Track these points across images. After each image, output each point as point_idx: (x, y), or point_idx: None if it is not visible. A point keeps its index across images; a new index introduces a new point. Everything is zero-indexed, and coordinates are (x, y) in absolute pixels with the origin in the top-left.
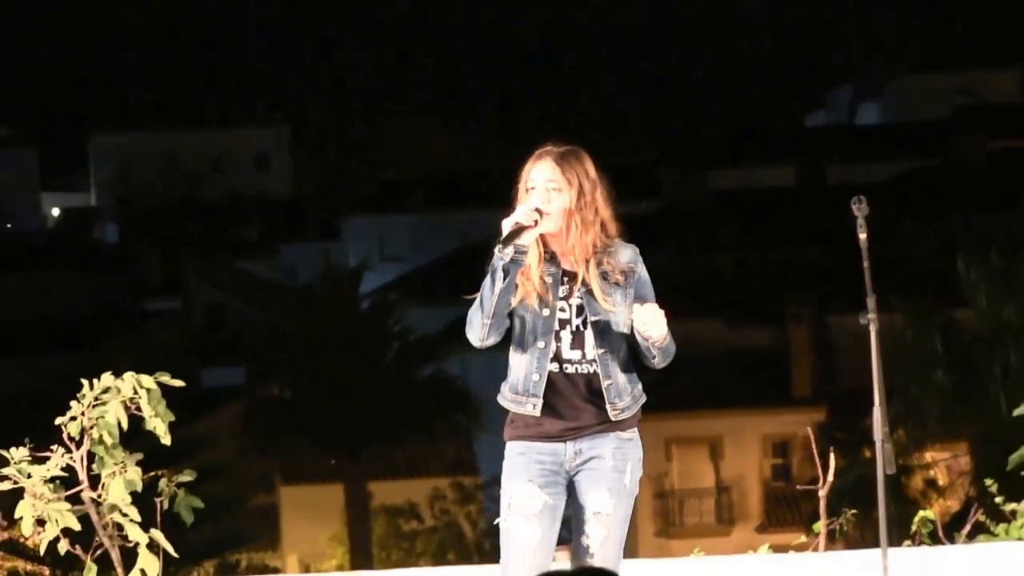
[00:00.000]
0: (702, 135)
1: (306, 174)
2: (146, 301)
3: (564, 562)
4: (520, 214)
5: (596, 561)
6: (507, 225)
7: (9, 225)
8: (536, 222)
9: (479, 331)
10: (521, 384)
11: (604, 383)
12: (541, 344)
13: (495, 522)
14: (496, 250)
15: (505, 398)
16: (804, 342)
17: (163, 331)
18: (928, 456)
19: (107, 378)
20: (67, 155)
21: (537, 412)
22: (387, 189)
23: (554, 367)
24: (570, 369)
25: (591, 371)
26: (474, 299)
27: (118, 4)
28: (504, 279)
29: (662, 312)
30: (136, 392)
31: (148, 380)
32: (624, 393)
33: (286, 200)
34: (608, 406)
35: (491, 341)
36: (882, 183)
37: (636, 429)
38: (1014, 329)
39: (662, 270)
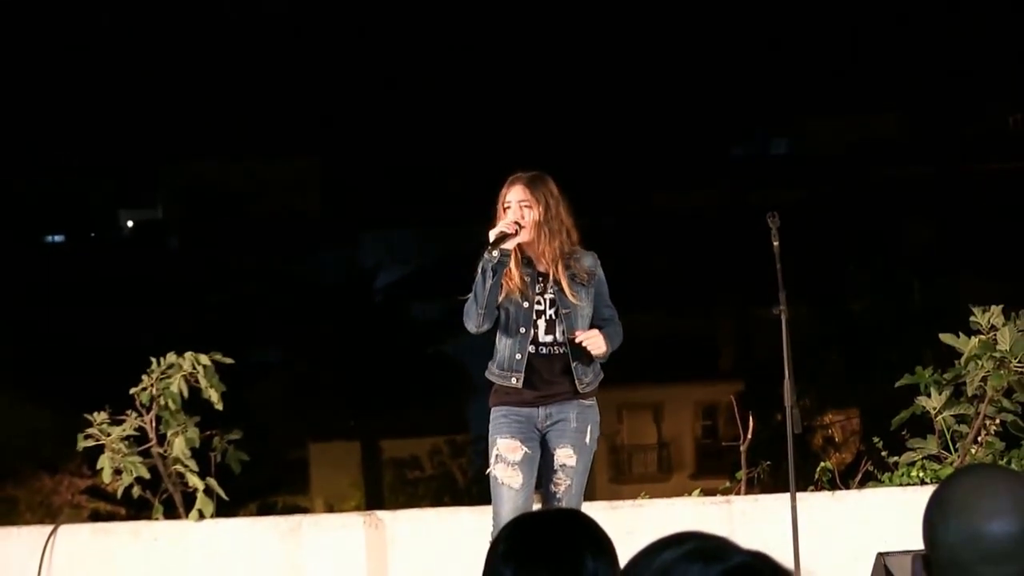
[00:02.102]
0: (645, 166)
1: (332, 195)
2: (203, 295)
3: (537, 504)
4: (503, 224)
5: (562, 504)
6: (493, 234)
7: (93, 234)
8: (516, 231)
9: (475, 320)
10: (507, 362)
11: (573, 363)
12: (523, 331)
13: (486, 472)
14: (485, 254)
15: (492, 373)
16: (728, 328)
17: (216, 318)
18: (827, 418)
19: (171, 356)
20: (139, 179)
21: (520, 385)
22: (395, 208)
23: (532, 349)
24: (544, 351)
25: (562, 352)
26: (467, 298)
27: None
28: (492, 277)
29: (602, 337)
30: (194, 367)
31: (204, 358)
32: (588, 371)
33: (316, 216)
34: (576, 381)
35: (485, 328)
36: (791, 203)
37: (595, 398)
38: (893, 319)
39: (617, 271)
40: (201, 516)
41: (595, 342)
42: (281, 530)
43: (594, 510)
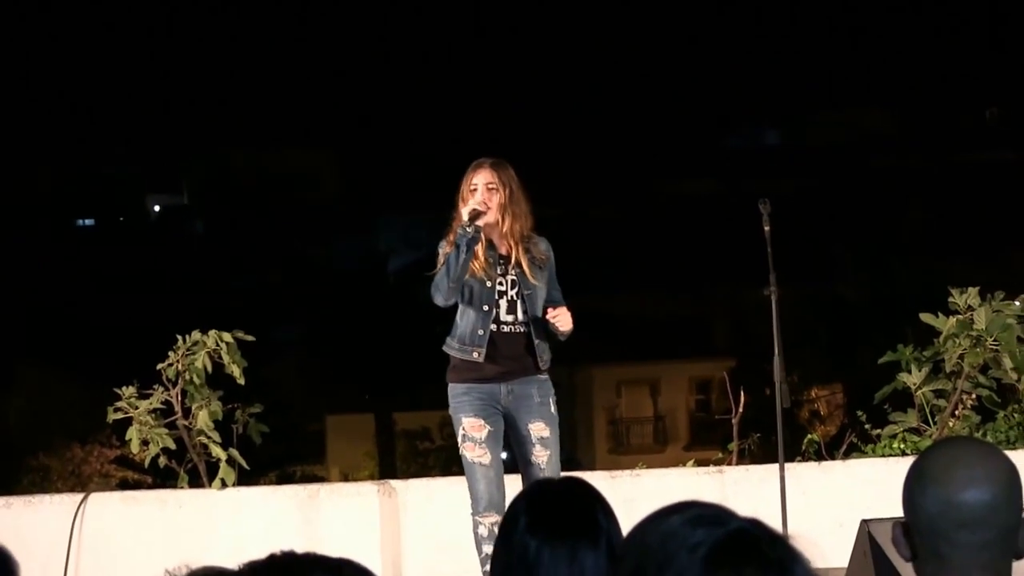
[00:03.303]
0: (647, 152)
1: (348, 184)
2: (226, 277)
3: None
4: (474, 202)
5: (549, 473)
6: (466, 212)
7: (121, 219)
8: (487, 209)
9: (446, 293)
10: (468, 337)
11: (535, 341)
12: (485, 308)
13: (460, 452)
14: (460, 229)
15: (452, 347)
16: (722, 309)
17: (238, 299)
18: (813, 393)
19: (196, 334)
20: (166, 167)
21: (481, 359)
22: (409, 196)
23: (494, 327)
24: (506, 329)
25: (523, 331)
26: (435, 275)
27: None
28: (467, 251)
29: (569, 314)
30: (218, 345)
31: (227, 336)
32: (546, 349)
33: (333, 203)
34: (538, 358)
35: (452, 301)
36: (782, 191)
37: (547, 373)
38: (876, 300)
39: (617, 255)
40: (224, 485)
41: (564, 319)
42: (299, 498)
43: (594, 480)
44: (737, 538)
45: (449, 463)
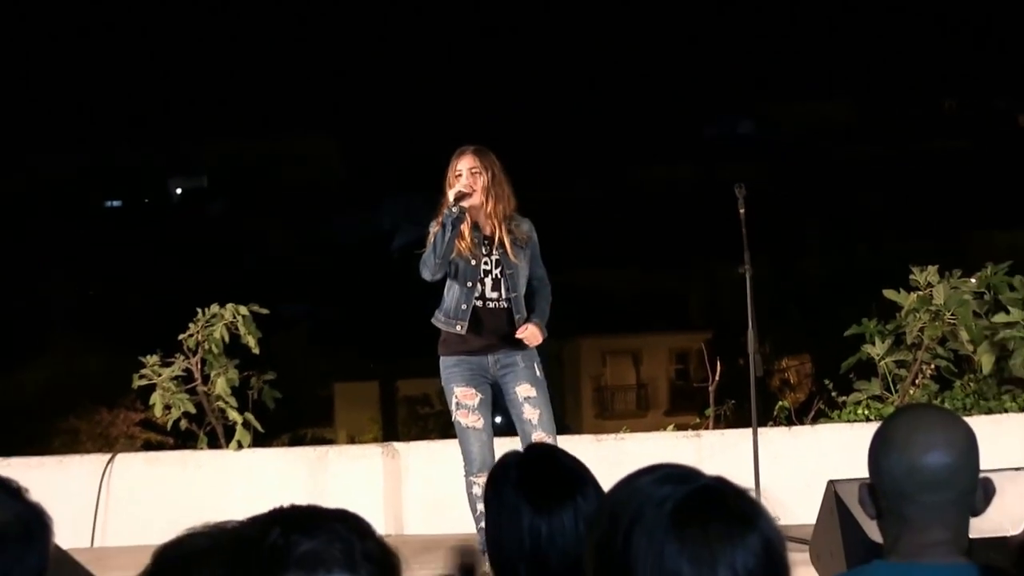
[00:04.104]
0: (630, 141)
1: (354, 166)
2: (242, 253)
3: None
4: (460, 185)
5: (541, 429)
6: (452, 193)
7: (146, 200)
8: (471, 192)
9: (431, 268)
10: (453, 311)
11: (516, 316)
12: (469, 284)
13: (453, 419)
14: (447, 210)
15: (439, 320)
16: (699, 285)
17: (253, 274)
18: (784, 363)
19: (214, 307)
20: (187, 151)
21: (463, 332)
22: (409, 178)
23: (479, 303)
24: (491, 305)
25: (507, 307)
26: (422, 252)
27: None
28: (452, 230)
29: (538, 330)
30: (234, 317)
31: (243, 309)
32: (522, 323)
33: (340, 184)
34: (519, 331)
35: (438, 276)
36: (755, 176)
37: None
38: (842, 277)
39: (602, 236)
40: (240, 446)
41: (531, 337)
42: (309, 458)
43: (581, 443)
44: (702, 494)
45: (447, 427)
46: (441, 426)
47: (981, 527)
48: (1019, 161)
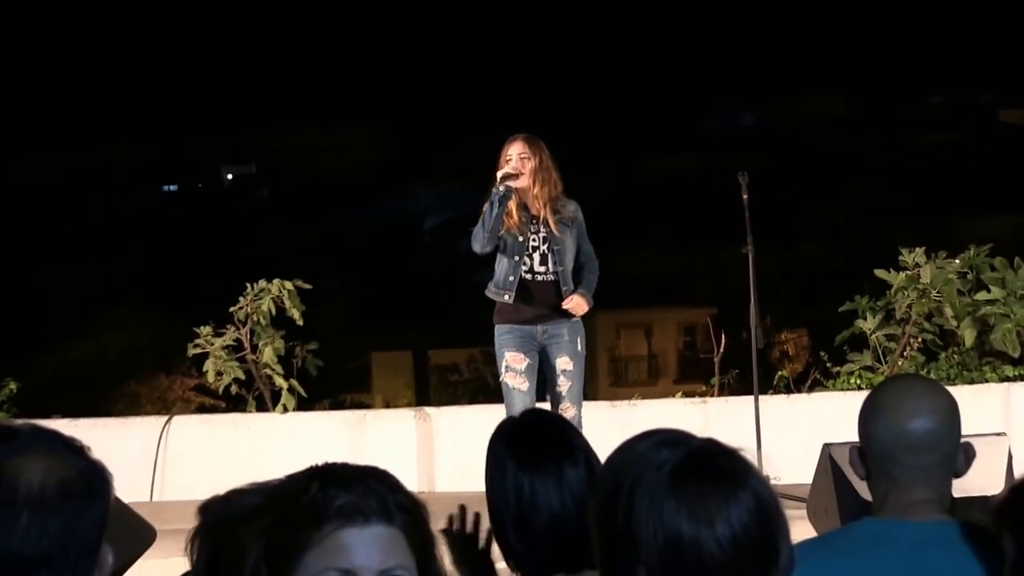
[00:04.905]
0: (641, 133)
1: (391, 154)
2: (288, 232)
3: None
4: (508, 167)
5: (568, 400)
6: (500, 174)
7: (200, 185)
8: (518, 174)
9: (481, 242)
10: (501, 283)
11: (563, 288)
12: (516, 259)
13: (501, 380)
14: (494, 189)
15: (490, 291)
16: (705, 265)
17: (298, 251)
18: (783, 336)
19: (262, 282)
20: (237, 140)
21: (511, 301)
22: (441, 165)
23: (528, 276)
24: (539, 278)
25: (554, 280)
26: (473, 229)
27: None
28: (499, 206)
29: (584, 302)
30: (281, 291)
31: (288, 284)
32: (569, 295)
33: (376, 170)
34: (565, 301)
35: (487, 250)
36: (756, 165)
37: (580, 316)
38: (837, 257)
39: (616, 220)
40: (285, 409)
41: (577, 307)
42: (349, 421)
43: (597, 408)
44: (697, 455)
45: (475, 393)
46: (469, 392)
47: (963, 487)
48: (1000, 153)
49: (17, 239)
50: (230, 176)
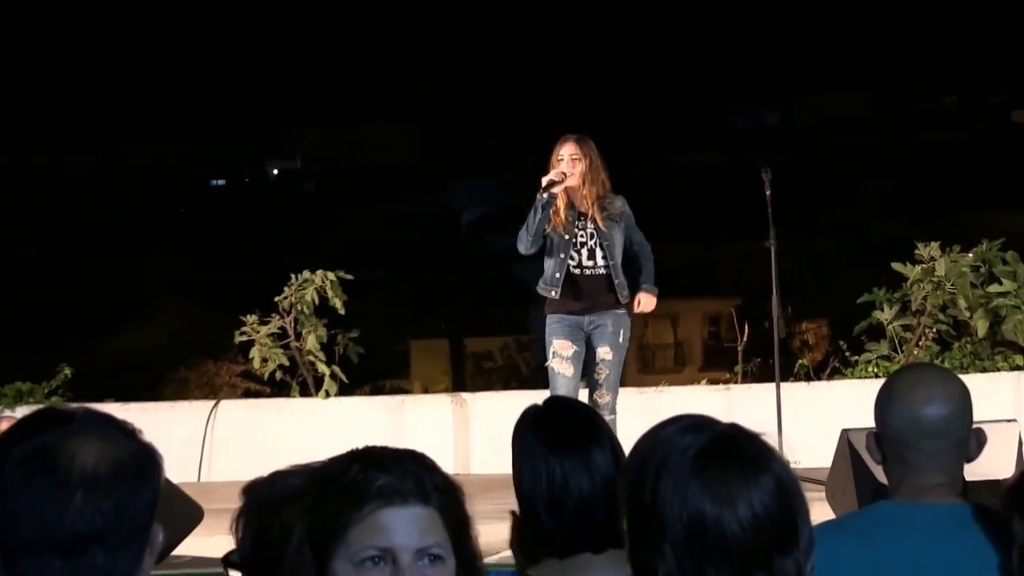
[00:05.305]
0: (668, 131)
1: (427, 152)
2: (330, 226)
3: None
4: (553, 174)
5: (604, 388)
6: (545, 180)
7: (247, 180)
8: (562, 180)
9: (525, 243)
10: (549, 280)
11: (615, 281)
12: (562, 256)
13: (546, 364)
14: (539, 194)
15: (540, 288)
16: (729, 257)
17: (340, 243)
18: (803, 326)
19: (306, 273)
20: (283, 137)
21: (557, 297)
22: (476, 161)
23: (576, 271)
24: (588, 272)
25: (604, 272)
26: (520, 228)
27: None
28: (542, 212)
29: (651, 299)
30: (323, 282)
31: (331, 275)
32: (624, 287)
33: (416, 166)
34: (619, 295)
35: (532, 251)
36: (778, 162)
37: (626, 308)
38: (856, 251)
39: (644, 213)
40: (328, 395)
41: (648, 307)
42: (388, 406)
43: (626, 394)
44: (720, 440)
45: (509, 379)
46: (503, 378)
47: (975, 472)
48: (1012, 151)
49: (72, 231)
50: (276, 171)
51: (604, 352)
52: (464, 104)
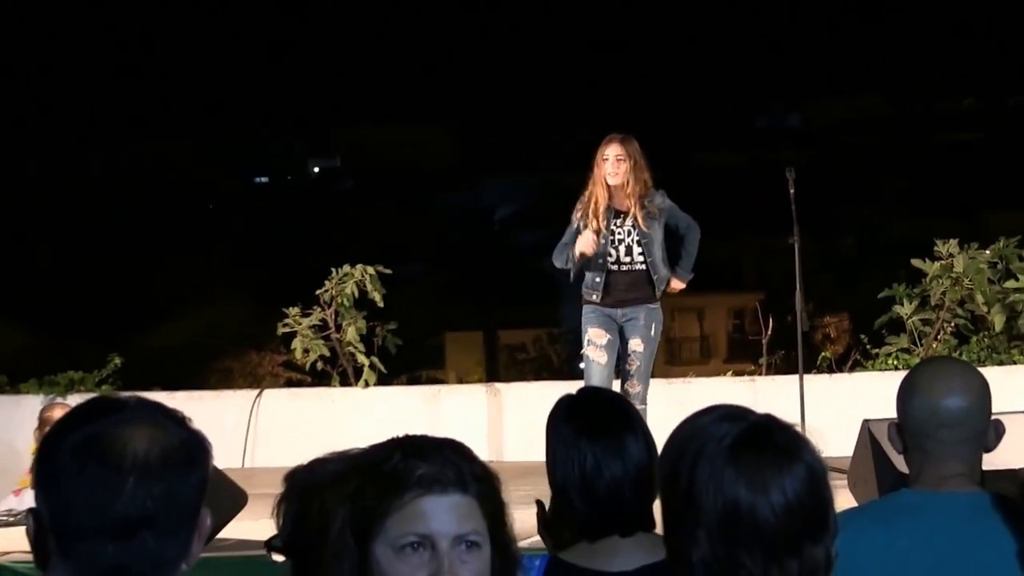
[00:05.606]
0: (694, 131)
1: (462, 151)
2: (369, 221)
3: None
4: (584, 245)
5: (635, 379)
6: (578, 248)
7: (289, 177)
8: (592, 248)
9: (560, 265)
10: (590, 285)
11: (653, 276)
12: (600, 261)
13: (581, 352)
14: (569, 253)
15: (584, 290)
16: (754, 253)
17: (378, 238)
18: (826, 320)
19: (346, 267)
20: (323, 136)
21: (598, 301)
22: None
23: (614, 267)
24: (624, 268)
25: (641, 268)
26: (561, 243)
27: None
28: (575, 263)
29: (678, 282)
30: (363, 276)
31: (370, 269)
32: (663, 282)
33: (449, 165)
34: (656, 290)
35: (567, 268)
36: (800, 161)
37: (660, 302)
38: (876, 247)
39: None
40: (367, 384)
41: (676, 288)
42: (425, 395)
43: (655, 385)
44: (755, 429)
45: (541, 370)
46: (536, 369)
47: (993, 461)
48: None
49: (121, 227)
50: (317, 169)
51: (636, 344)
52: (498, 105)
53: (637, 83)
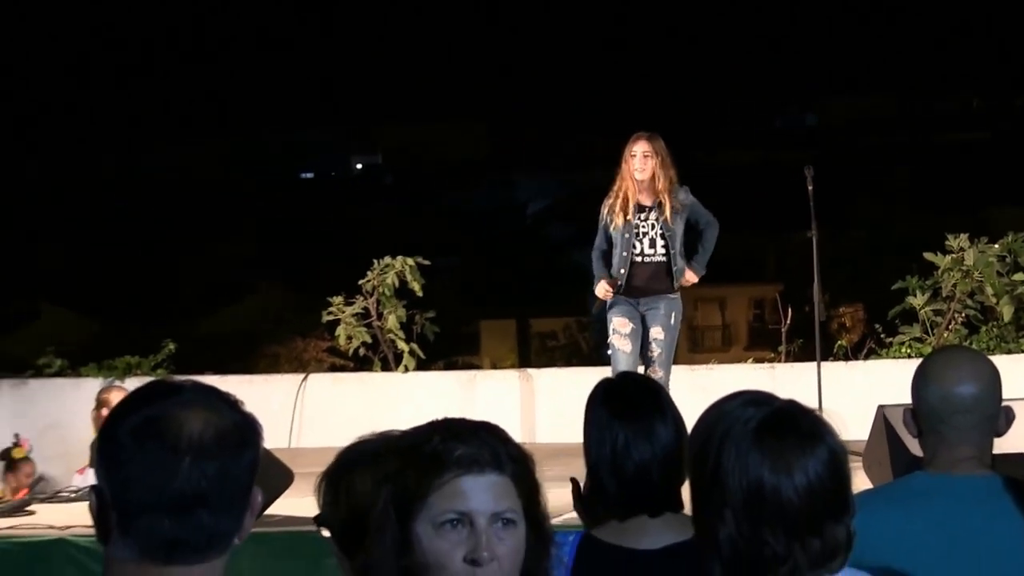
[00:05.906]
0: (716, 130)
1: (498, 147)
2: (409, 215)
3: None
4: (603, 292)
5: (657, 365)
6: (599, 293)
7: (333, 173)
8: (608, 297)
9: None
10: (615, 275)
11: (673, 268)
12: (624, 254)
13: (608, 342)
14: (593, 309)
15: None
16: (772, 245)
17: (418, 231)
18: (841, 310)
19: (387, 258)
20: (365, 133)
21: (622, 291)
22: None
23: (637, 259)
24: (647, 259)
25: (663, 260)
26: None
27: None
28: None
29: (693, 276)
30: (403, 266)
31: (410, 260)
32: (681, 273)
33: (485, 161)
34: (674, 281)
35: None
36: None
37: (679, 292)
38: (890, 241)
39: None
40: (406, 369)
41: (689, 281)
42: (461, 380)
43: (678, 371)
44: (779, 414)
45: (571, 356)
46: (566, 356)
47: (1003, 446)
48: None
49: (178, 221)
50: (359, 165)
51: (656, 332)
52: (531, 104)
53: (664, 86)
